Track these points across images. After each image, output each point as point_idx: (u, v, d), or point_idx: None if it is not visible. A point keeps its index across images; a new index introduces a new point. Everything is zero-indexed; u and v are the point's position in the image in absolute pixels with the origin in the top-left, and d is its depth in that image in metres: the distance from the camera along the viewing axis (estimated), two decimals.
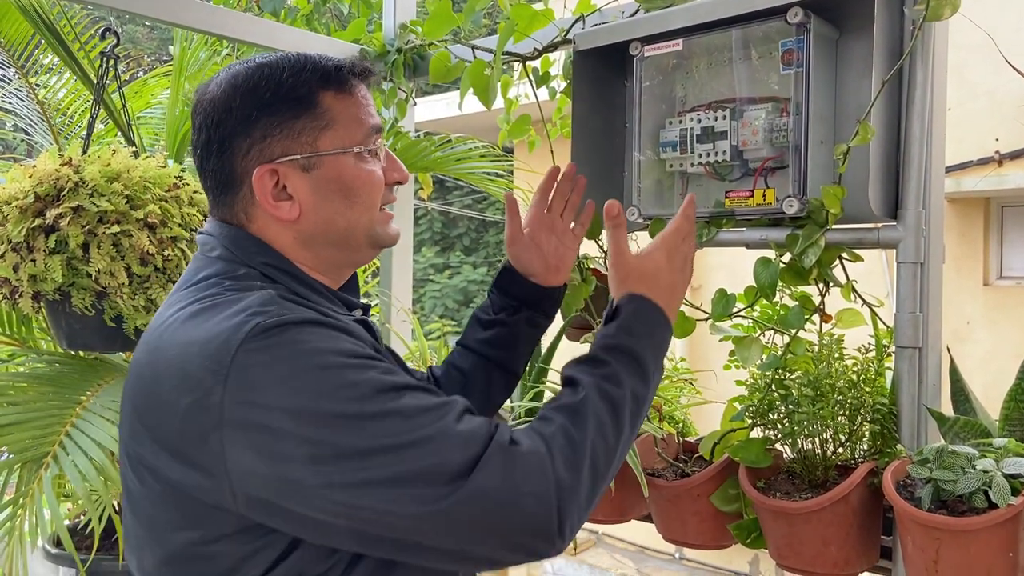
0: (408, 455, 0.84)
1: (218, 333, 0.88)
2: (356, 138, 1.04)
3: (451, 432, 0.87)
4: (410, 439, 0.85)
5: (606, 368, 1.02)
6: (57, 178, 1.76)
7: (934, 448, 1.23)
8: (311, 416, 0.84)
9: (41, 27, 2.18)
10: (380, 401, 0.86)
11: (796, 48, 1.36)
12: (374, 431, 0.85)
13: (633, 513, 1.65)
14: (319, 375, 0.85)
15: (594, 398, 0.98)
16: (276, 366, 0.85)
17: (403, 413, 0.86)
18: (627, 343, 1.06)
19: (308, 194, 1.02)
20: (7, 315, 2.28)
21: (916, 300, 1.34)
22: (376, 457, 0.84)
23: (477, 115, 4.27)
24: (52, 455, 1.76)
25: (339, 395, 0.85)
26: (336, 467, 0.83)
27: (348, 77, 1.05)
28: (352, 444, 0.84)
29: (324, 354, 0.87)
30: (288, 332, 0.87)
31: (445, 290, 13.32)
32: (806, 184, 1.35)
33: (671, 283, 1.16)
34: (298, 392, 0.84)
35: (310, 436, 0.84)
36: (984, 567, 1.14)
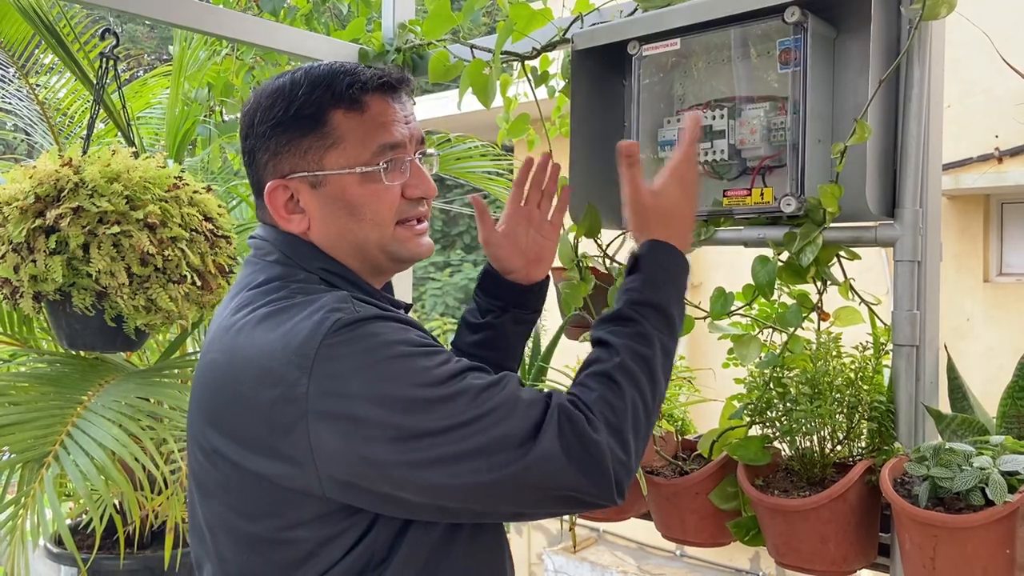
0: (479, 427, 0.92)
1: (300, 331, 0.94)
2: (361, 157, 1.05)
3: (516, 402, 0.95)
4: (480, 413, 0.93)
5: (636, 326, 1.08)
6: (57, 179, 1.77)
7: (931, 446, 1.23)
8: (390, 401, 0.91)
9: (40, 27, 2.18)
10: (450, 383, 0.94)
11: (794, 47, 1.37)
12: (448, 410, 0.92)
13: (632, 511, 1.66)
14: (396, 363, 0.93)
15: (628, 361, 1.04)
16: (356, 358, 0.92)
17: (470, 391, 0.94)
18: (653, 298, 1.10)
19: (317, 209, 1.06)
20: (8, 315, 2.29)
21: (913, 298, 1.34)
22: (452, 433, 0.92)
23: (476, 114, 4.27)
24: (53, 455, 1.77)
25: (415, 380, 0.92)
26: (416, 446, 0.91)
27: (359, 95, 1.05)
28: (429, 425, 0.91)
29: (398, 345, 0.94)
30: (365, 327, 0.94)
31: (446, 288, 13.32)
32: (804, 183, 1.36)
33: (687, 216, 1.20)
34: (378, 379, 0.92)
35: (390, 420, 0.91)
36: (981, 564, 1.15)
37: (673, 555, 6.23)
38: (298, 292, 1.01)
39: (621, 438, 0.99)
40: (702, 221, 1.52)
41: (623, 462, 0.98)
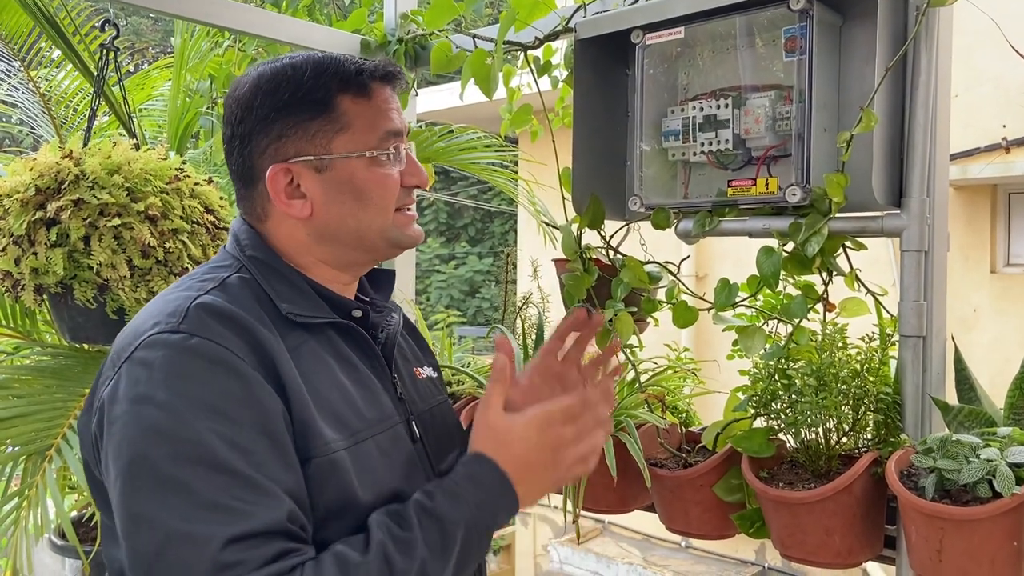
0: (162, 541, 0.84)
1: (134, 329, 0.98)
2: (369, 142, 1.06)
3: (211, 547, 0.83)
4: (175, 526, 0.84)
5: (406, 533, 0.92)
6: (58, 171, 1.76)
7: (938, 437, 1.22)
8: (129, 447, 0.89)
9: (40, 19, 2.17)
10: (187, 470, 0.86)
11: (799, 35, 1.35)
12: (157, 496, 0.86)
13: (636, 503, 1.65)
14: (159, 413, 0.89)
15: (375, 565, 0.88)
16: (137, 386, 0.91)
17: (196, 496, 0.85)
18: (443, 511, 0.94)
19: (320, 194, 1.06)
20: (11, 308, 2.29)
21: (920, 288, 1.33)
22: (142, 520, 0.86)
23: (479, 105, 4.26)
24: (56, 447, 1.77)
25: (160, 442, 0.88)
26: (120, 503, 0.88)
27: (368, 81, 1.06)
28: (137, 494, 0.87)
29: (178, 395, 0.89)
30: (165, 354, 0.92)
31: (450, 280, 13.33)
32: (809, 172, 1.34)
33: (529, 459, 1.00)
34: (135, 420, 0.89)
35: (121, 462, 0.89)
36: (988, 556, 1.14)
37: (678, 547, 6.23)
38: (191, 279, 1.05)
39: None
40: (706, 211, 1.51)
41: None
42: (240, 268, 1.05)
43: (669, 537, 6.17)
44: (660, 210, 1.55)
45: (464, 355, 2.20)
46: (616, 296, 1.62)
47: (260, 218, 1.09)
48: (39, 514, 1.75)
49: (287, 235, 1.08)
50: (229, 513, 0.85)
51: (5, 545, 1.77)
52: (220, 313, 0.96)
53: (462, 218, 14.06)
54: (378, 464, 1.01)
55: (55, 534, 2.31)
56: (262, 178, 1.06)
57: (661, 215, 1.55)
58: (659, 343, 1.90)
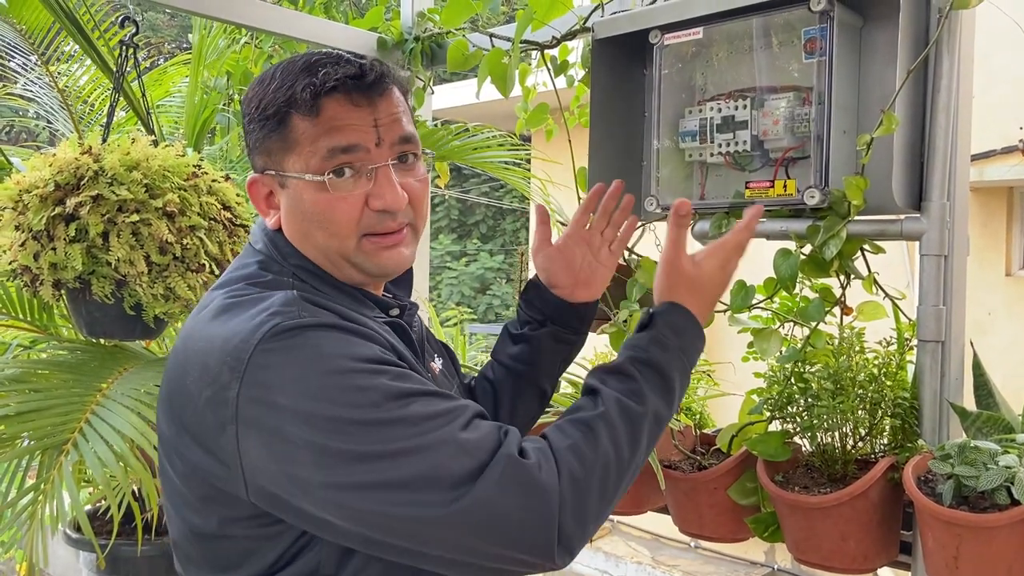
0: (410, 460, 0.85)
1: (239, 331, 0.90)
2: (311, 164, 0.99)
3: (455, 439, 0.87)
4: (413, 444, 0.85)
5: (631, 383, 0.99)
6: (77, 166, 1.77)
7: (956, 443, 1.21)
8: (319, 419, 0.85)
9: (60, 15, 2.18)
10: (387, 407, 0.87)
11: (819, 36, 1.34)
12: (379, 436, 0.85)
13: (649, 505, 1.65)
14: (330, 379, 0.87)
15: (613, 414, 0.95)
16: (289, 368, 0.87)
17: (409, 420, 0.87)
18: (658, 358, 1.03)
19: (285, 208, 1.04)
20: (28, 303, 2.30)
21: (939, 293, 1.32)
22: (379, 461, 0.85)
23: (495, 103, 4.25)
24: (72, 442, 1.77)
25: (347, 400, 0.86)
26: (340, 470, 0.85)
27: (313, 99, 0.98)
28: (357, 448, 0.85)
29: (336, 358, 0.88)
30: (304, 335, 0.89)
31: (462, 277, 13.33)
32: (828, 175, 1.34)
33: (715, 296, 1.15)
34: (308, 395, 0.86)
35: (316, 439, 0.85)
36: (1005, 564, 1.13)
37: (687, 547, 6.22)
38: (259, 287, 0.99)
39: (581, 492, 0.89)
40: (723, 213, 1.50)
41: (577, 518, 0.88)
42: (292, 275, 1.02)
43: (678, 537, 6.16)
44: None
45: (476, 353, 2.21)
46: (631, 297, 1.61)
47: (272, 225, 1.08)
48: (54, 507, 1.76)
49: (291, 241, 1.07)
50: (444, 415, 0.89)
51: (20, 537, 1.78)
52: (324, 306, 0.96)
53: (474, 215, 14.06)
54: None
55: (70, 527, 2.33)
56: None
57: None
58: None
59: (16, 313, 2.29)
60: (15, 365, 2.09)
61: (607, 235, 1.31)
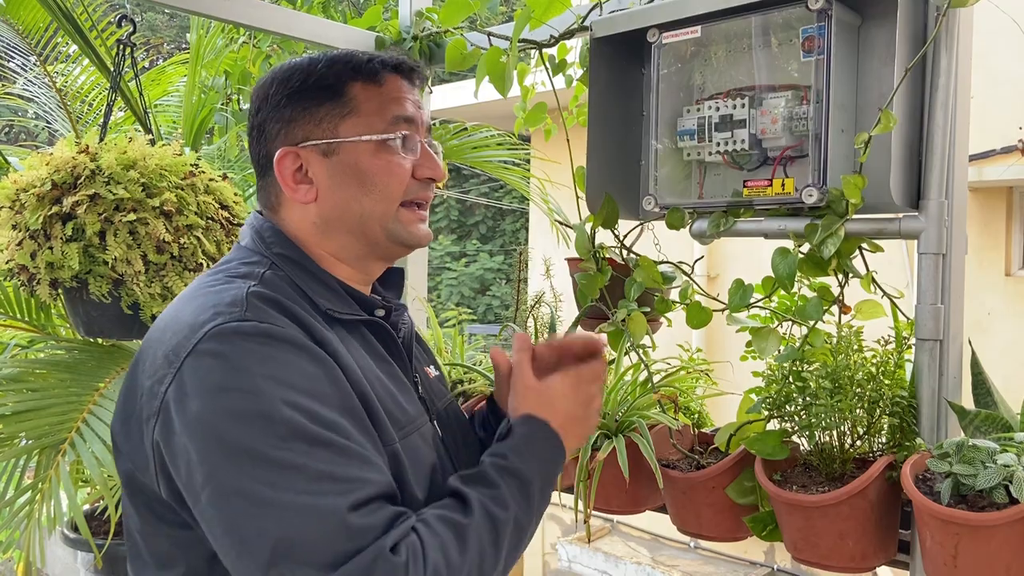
0: (288, 518, 0.83)
1: (186, 323, 0.94)
2: (377, 127, 1.05)
3: (341, 517, 0.84)
4: (298, 502, 0.84)
5: (495, 490, 0.98)
6: (74, 166, 1.77)
7: (954, 442, 1.21)
8: (221, 438, 0.86)
9: (58, 14, 2.18)
10: (289, 448, 0.86)
11: (817, 35, 1.34)
12: (268, 477, 0.84)
13: (648, 504, 1.64)
14: (244, 399, 0.87)
15: (480, 521, 0.94)
16: (212, 376, 0.89)
17: (305, 472, 0.85)
18: (518, 466, 1.01)
19: (325, 178, 1.06)
20: (26, 302, 2.30)
21: (937, 292, 1.32)
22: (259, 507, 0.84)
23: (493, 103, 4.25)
24: (70, 441, 1.78)
25: (253, 426, 0.86)
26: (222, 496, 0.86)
27: (379, 68, 1.07)
28: (240, 483, 0.85)
29: (260, 378, 0.88)
30: (240, 343, 0.90)
31: (461, 278, 13.33)
32: (826, 173, 1.33)
33: (570, 413, 1.10)
34: (219, 411, 0.87)
35: (213, 456, 0.86)
36: (1003, 563, 1.13)
37: (687, 547, 6.21)
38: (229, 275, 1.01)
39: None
40: (721, 212, 1.50)
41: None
42: (270, 265, 1.04)
43: (678, 537, 6.16)
44: (675, 210, 1.54)
45: (475, 353, 2.20)
46: (629, 296, 1.61)
47: (273, 207, 1.09)
48: (52, 507, 1.76)
49: (298, 223, 1.07)
50: (345, 482, 0.86)
51: (18, 538, 1.78)
52: (277, 303, 0.96)
53: (473, 216, 14.06)
54: (422, 458, 1.03)
55: (68, 527, 2.32)
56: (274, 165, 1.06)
57: (676, 215, 1.54)
58: (672, 343, 1.89)
59: (14, 312, 2.29)
60: (13, 364, 2.09)
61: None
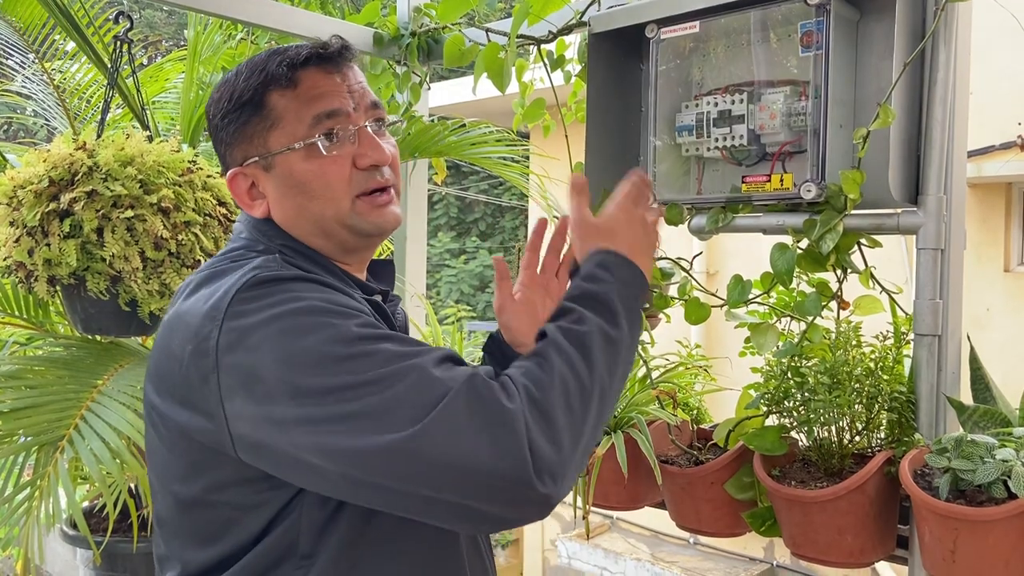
0: (379, 389, 0.86)
1: (219, 290, 0.95)
2: (299, 132, 1.04)
3: (424, 372, 0.88)
4: (383, 375, 0.87)
5: (570, 314, 1.00)
6: (71, 162, 1.76)
7: (953, 437, 1.21)
8: (291, 356, 0.88)
9: (55, 11, 2.17)
10: (357, 344, 0.89)
11: (816, 30, 1.34)
12: (350, 368, 0.87)
13: (646, 500, 1.64)
14: (302, 319, 0.90)
15: (560, 340, 0.96)
16: (263, 311, 0.90)
17: (379, 355, 0.89)
18: (590, 289, 1.03)
19: (272, 192, 1.07)
20: (24, 299, 2.30)
21: (936, 287, 1.32)
22: (350, 391, 0.86)
23: (492, 99, 4.24)
24: (68, 438, 1.77)
25: (319, 337, 0.89)
26: (314, 402, 0.87)
27: (287, 71, 1.04)
28: (329, 381, 0.87)
29: (310, 302, 0.91)
30: (281, 284, 0.93)
31: (461, 275, 13.32)
32: (824, 169, 1.33)
33: (631, 239, 1.12)
34: (280, 335, 0.89)
35: (290, 376, 0.87)
36: (1002, 558, 1.13)
37: (687, 543, 6.22)
38: (242, 259, 1.02)
39: (543, 412, 0.88)
40: (720, 207, 1.50)
41: (548, 439, 0.87)
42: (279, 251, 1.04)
43: (677, 533, 6.16)
44: (673, 206, 1.54)
45: (474, 350, 2.20)
46: None
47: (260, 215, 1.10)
48: (51, 504, 1.76)
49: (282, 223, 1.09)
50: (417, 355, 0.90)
51: (17, 534, 1.77)
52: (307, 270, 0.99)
53: (473, 213, 14.05)
54: None
55: (67, 524, 2.32)
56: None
57: (674, 211, 1.54)
58: (670, 339, 1.89)
59: (12, 310, 2.29)
60: (11, 362, 2.09)
61: (562, 275, 1.28)
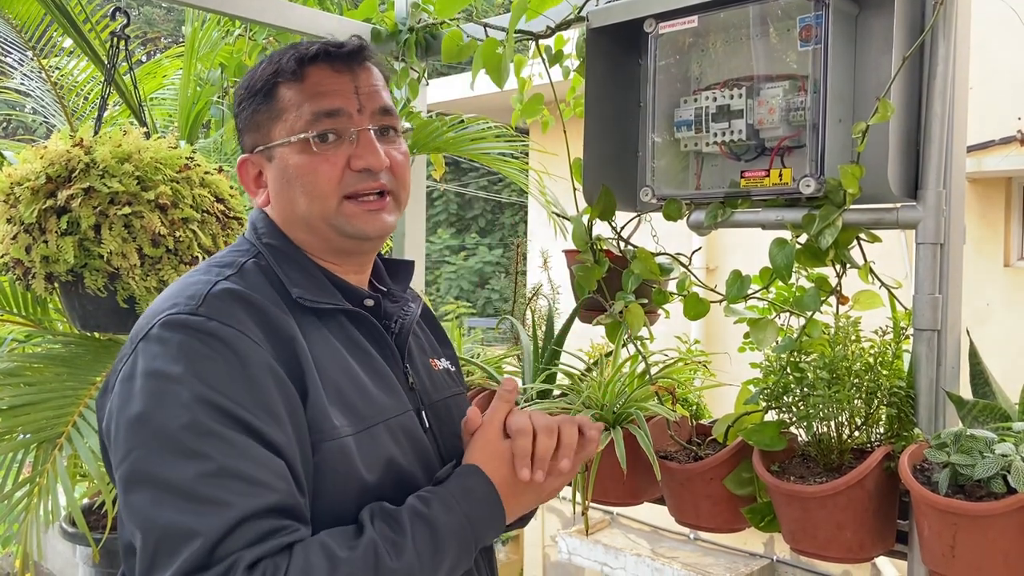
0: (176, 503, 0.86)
1: (153, 310, 0.98)
2: (296, 127, 1.05)
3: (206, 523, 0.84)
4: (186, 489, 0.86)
5: (398, 536, 0.92)
6: (68, 159, 1.76)
7: (952, 432, 1.21)
8: (145, 410, 0.90)
9: (52, 7, 2.17)
10: (187, 439, 0.87)
11: (815, 24, 1.33)
12: (171, 466, 0.87)
13: (646, 496, 1.64)
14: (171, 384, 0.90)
15: (358, 562, 0.88)
16: (153, 361, 0.92)
17: (203, 461, 0.87)
18: (437, 519, 0.95)
19: (272, 182, 1.08)
20: (23, 296, 2.29)
21: (935, 281, 1.31)
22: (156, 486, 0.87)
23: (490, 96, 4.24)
24: (66, 436, 1.77)
25: (172, 409, 0.89)
26: (133, 471, 0.89)
27: (296, 65, 1.05)
28: (153, 463, 0.88)
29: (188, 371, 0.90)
30: (183, 334, 0.93)
31: (460, 271, 13.32)
32: (823, 163, 1.33)
33: (524, 485, 1.03)
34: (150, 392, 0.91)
35: (134, 436, 0.90)
36: (1002, 552, 1.12)
37: (686, 538, 6.23)
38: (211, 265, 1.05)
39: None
40: (719, 203, 1.49)
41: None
42: (256, 254, 1.07)
43: (677, 529, 6.17)
44: (672, 201, 1.53)
45: (474, 346, 2.20)
46: (627, 287, 1.61)
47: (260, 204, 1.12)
48: (50, 502, 1.76)
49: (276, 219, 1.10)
50: (241, 481, 0.87)
51: (17, 532, 1.77)
52: (239, 297, 0.97)
53: (472, 209, 14.04)
54: (387, 449, 1.02)
55: (66, 521, 2.32)
56: None
57: (673, 206, 1.53)
58: (669, 335, 1.89)
59: (10, 307, 2.28)
60: (9, 359, 2.09)
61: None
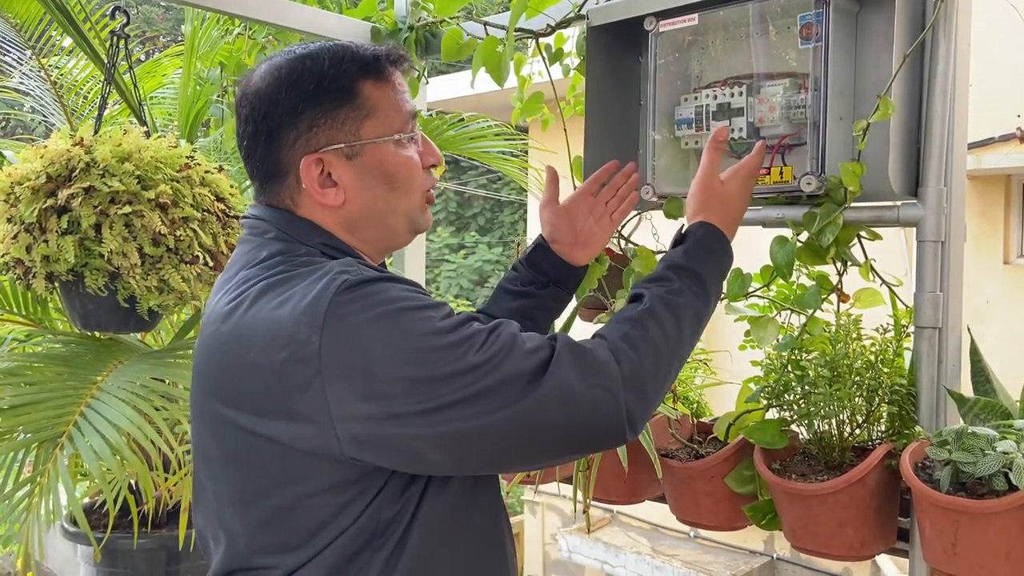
0: (489, 369, 0.94)
1: (307, 295, 0.95)
2: (395, 125, 1.09)
3: (519, 344, 0.98)
4: (488, 356, 0.95)
5: (670, 284, 1.13)
6: (68, 158, 1.76)
7: (953, 430, 1.21)
8: (402, 353, 0.93)
9: (51, 6, 2.17)
10: (456, 332, 0.96)
11: (815, 22, 1.33)
12: (459, 355, 0.94)
13: (647, 494, 1.64)
14: (403, 316, 0.95)
15: (657, 308, 1.09)
16: (366, 313, 0.94)
17: (477, 337, 0.96)
18: (693, 265, 1.17)
19: (352, 180, 1.07)
20: (23, 296, 2.29)
21: (936, 279, 1.31)
22: (464, 377, 0.94)
23: (490, 94, 4.24)
24: (67, 435, 1.77)
25: (423, 331, 0.94)
26: (431, 394, 0.93)
27: (385, 66, 1.09)
28: (441, 371, 0.93)
29: (404, 300, 0.96)
30: (372, 285, 0.96)
31: (460, 270, 13.32)
32: (824, 161, 1.33)
33: (738, 214, 1.28)
34: (388, 334, 0.93)
35: (403, 371, 0.92)
36: (1003, 550, 1.13)
37: (687, 536, 6.23)
38: (300, 265, 1.02)
39: (637, 373, 1.02)
40: None
41: (637, 395, 1.01)
42: (319, 252, 1.05)
43: (677, 527, 6.17)
44: (673, 199, 1.53)
45: None
46: (627, 286, 1.61)
47: (292, 206, 1.09)
48: (51, 501, 1.76)
49: (323, 220, 1.08)
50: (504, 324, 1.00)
51: (18, 531, 1.77)
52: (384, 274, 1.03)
53: (472, 207, 14.04)
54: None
55: (67, 521, 2.32)
56: (291, 170, 1.06)
57: (674, 204, 1.53)
58: None
59: (11, 306, 2.28)
60: (10, 359, 2.09)
61: (611, 205, 1.46)
